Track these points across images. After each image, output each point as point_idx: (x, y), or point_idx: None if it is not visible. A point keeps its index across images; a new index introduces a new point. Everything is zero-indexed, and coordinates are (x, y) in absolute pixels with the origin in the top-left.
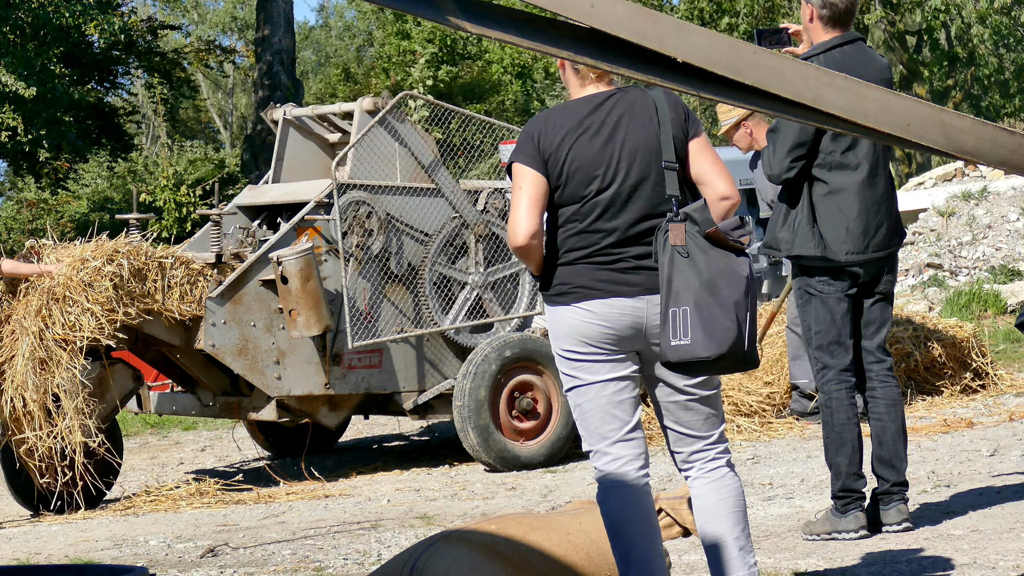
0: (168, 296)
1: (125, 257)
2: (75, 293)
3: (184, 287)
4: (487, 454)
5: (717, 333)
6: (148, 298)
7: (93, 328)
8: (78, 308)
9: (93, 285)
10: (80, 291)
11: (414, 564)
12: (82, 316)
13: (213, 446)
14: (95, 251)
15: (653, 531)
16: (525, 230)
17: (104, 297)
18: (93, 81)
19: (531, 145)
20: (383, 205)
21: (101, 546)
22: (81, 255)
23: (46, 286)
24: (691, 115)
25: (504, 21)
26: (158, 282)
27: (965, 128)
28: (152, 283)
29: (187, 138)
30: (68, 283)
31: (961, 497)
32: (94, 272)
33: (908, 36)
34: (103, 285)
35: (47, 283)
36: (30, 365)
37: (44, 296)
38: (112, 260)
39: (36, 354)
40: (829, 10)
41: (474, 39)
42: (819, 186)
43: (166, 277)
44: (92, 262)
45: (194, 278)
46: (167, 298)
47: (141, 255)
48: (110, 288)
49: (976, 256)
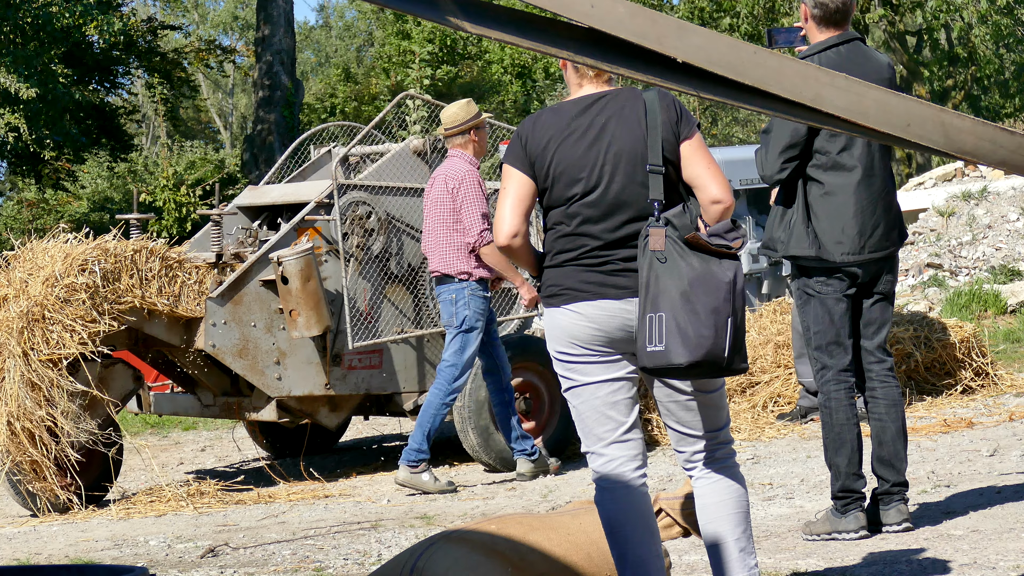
0: (146, 289)
1: (96, 262)
2: (54, 312)
3: (162, 280)
4: (487, 454)
5: (692, 340)
6: (128, 295)
7: (77, 344)
8: (59, 326)
9: (70, 300)
10: (58, 309)
11: (414, 564)
12: (64, 333)
13: (213, 446)
14: (65, 265)
15: (650, 532)
16: (507, 230)
17: (83, 310)
18: (93, 81)
19: (519, 147)
20: (383, 205)
21: (101, 546)
22: (52, 271)
23: (24, 308)
24: (685, 116)
25: (504, 21)
26: (134, 278)
27: (965, 128)
28: (128, 280)
29: (187, 138)
30: (44, 303)
31: (961, 497)
32: (69, 288)
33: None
34: (79, 298)
35: (24, 305)
36: (23, 389)
37: (24, 319)
38: (84, 270)
39: (26, 377)
40: (820, 10)
41: (474, 39)
42: (815, 187)
43: (141, 272)
44: (65, 278)
45: (172, 271)
46: (146, 292)
47: (111, 256)
48: (87, 299)
49: (976, 256)
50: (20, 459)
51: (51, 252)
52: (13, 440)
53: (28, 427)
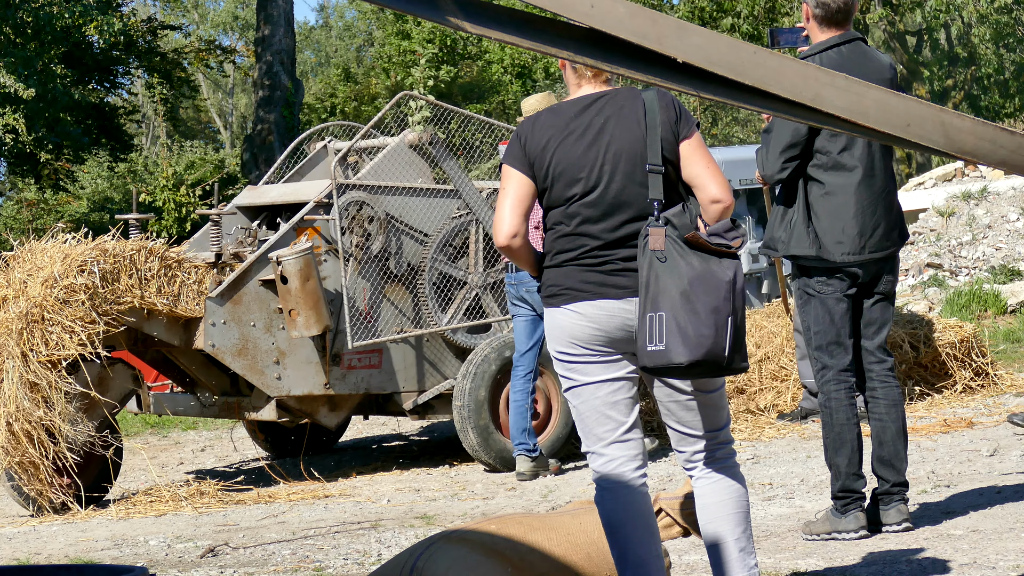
0: (145, 289)
1: (95, 263)
2: (53, 313)
3: (161, 280)
4: (487, 454)
5: (692, 340)
6: (128, 295)
7: (76, 345)
8: (58, 328)
9: (69, 301)
10: (57, 310)
11: (414, 564)
12: (63, 334)
13: (213, 446)
14: (64, 266)
15: (650, 532)
16: (506, 230)
17: (82, 311)
18: (93, 81)
19: (518, 147)
20: (383, 205)
21: (101, 546)
22: (51, 272)
23: (23, 309)
24: (684, 116)
25: (504, 21)
26: (133, 278)
27: (965, 128)
28: (127, 280)
29: (187, 138)
30: (44, 303)
31: (961, 497)
32: (68, 289)
33: (908, 36)
34: (78, 299)
35: (24, 306)
36: (21, 390)
37: (23, 320)
38: (83, 271)
39: (25, 378)
40: (822, 9)
41: (474, 39)
42: (816, 187)
43: (140, 271)
44: (64, 279)
45: (171, 271)
46: (146, 292)
47: (110, 256)
48: (86, 300)
49: (976, 256)
50: (19, 460)
51: (50, 253)
52: (12, 441)
53: (27, 428)
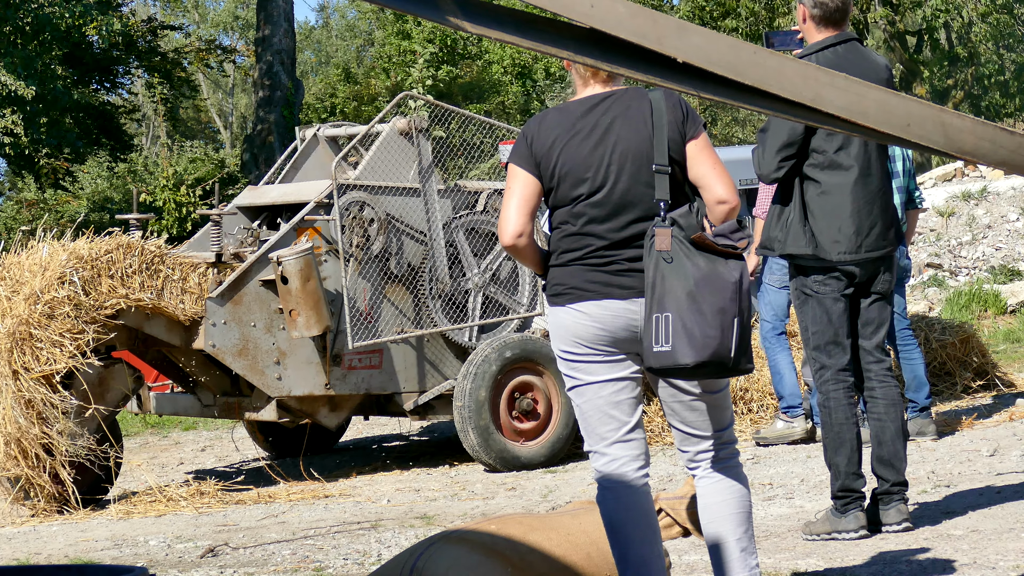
0: (128, 287)
1: (73, 272)
2: (40, 329)
3: (143, 275)
4: (487, 454)
5: (698, 340)
6: (112, 296)
7: (67, 358)
8: (47, 343)
9: (54, 315)
10: (44, 326)
11: (414, 564)
12: (53, 349)
13: (213, 446)
14: (43, 280)
15: (652, 532)
16: (512, 229)
17: (69, 323)
18: (93, 81)
19: (524, 146)
20: (383, 205)
21: (101, 546)
22: (33, 288)
23: (10, 328)
24: (691, 116)
25: (504, 21)
26: (115, 278)
27: (965, 128)
28: (108, 282)
29: (187, 138)
30: (30, 320)
31: (961, 497)
32: (51, 303)
33: (908, 36)
34: (63, 312)
35: (10, 324)
36: (17, 409)
37: (11, 339)
38: (64, 281)
39: (19, 396)
40: (820, 9)
41: (474, 39)
42: (812, 186)
43: (119, 270)
44: (46, 294)
45: (152, 265)
46: (128, 291)
47: (87, 263)
48: (71, 311)
49: (976, 256)
50: (16, 475)
51: (27, 266)
52: (9, 458)
53: (24, 446)
